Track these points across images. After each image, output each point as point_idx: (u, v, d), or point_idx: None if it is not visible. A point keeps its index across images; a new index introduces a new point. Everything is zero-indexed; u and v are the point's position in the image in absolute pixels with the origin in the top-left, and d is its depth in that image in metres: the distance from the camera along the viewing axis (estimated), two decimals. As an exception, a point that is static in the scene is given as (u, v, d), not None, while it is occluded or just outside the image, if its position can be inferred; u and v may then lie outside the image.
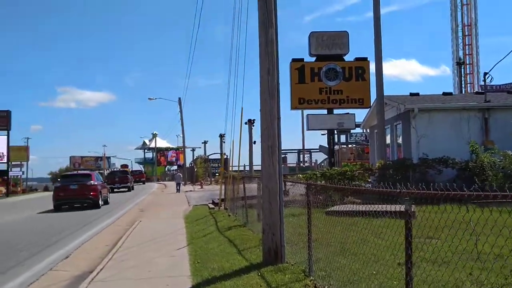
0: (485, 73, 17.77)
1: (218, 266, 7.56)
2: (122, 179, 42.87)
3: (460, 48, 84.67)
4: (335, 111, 20.91)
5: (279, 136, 7.49)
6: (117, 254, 9.51)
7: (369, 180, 17.68)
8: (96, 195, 22.18)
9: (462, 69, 75.21)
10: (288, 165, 61.55)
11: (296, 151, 69.19)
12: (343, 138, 61.30)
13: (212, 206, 19.17)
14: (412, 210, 11.29)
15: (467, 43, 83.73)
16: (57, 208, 21.78)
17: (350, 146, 62.13)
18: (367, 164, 19.54)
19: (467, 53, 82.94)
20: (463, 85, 67.17)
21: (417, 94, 20.41)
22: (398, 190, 4.18)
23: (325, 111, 20.97)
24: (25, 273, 8.30)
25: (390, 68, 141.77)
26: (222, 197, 18.20)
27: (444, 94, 20.58)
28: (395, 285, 5.83)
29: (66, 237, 12.85)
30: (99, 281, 7.17)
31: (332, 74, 20.53)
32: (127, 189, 41.62)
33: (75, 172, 34.88)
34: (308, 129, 20.70)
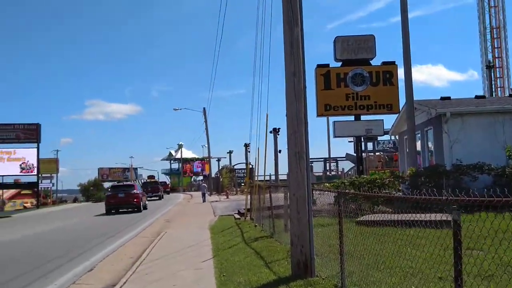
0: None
1: (245, 279, 7.19)
2: (154, 189, 49.10)
3: (489, 51, 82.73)
4: (363, 117, 20.36)
5: (306, 141, 7.12)
6: (141, 266, 9.25)
7: (399, 188, 17.05)
8: (138, 202, 27.57)
9: (492, 73, 73.36)
10: (314, 174, 60.86)
11: (322, 159, 68.39)
12: (370, 145, 60.27)
13: (238, 216, 18.83)
14: (449, 219, 10.65)
15: (496, 46, 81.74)
16: (108, 212, 27.28)
17: (377, 153, 60.99)
18: (397, 171, 18.87)
19: (496, 56, 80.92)
20: (493, 89, 65.36)
21: (449, 98, 19.69)
22: (445, 198, 3.73)
23: (352, 118, 20.44)
24: (47, 287, 8.10)
25: (416, 73, 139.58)
26: (248, 207, 17.83)
27: (477, 97, 19.80)
28: (438, 302, 5.30)
29: (93, 248, 12.70)
30: (121, 295, 6.89)
31: (359, 79, 20.02)
32: (158, 198, 47.78)
33: (122, 183, 41.24)
34: (334, 137, 20.20)
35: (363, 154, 53.42)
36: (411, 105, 17.59)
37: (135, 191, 28.31)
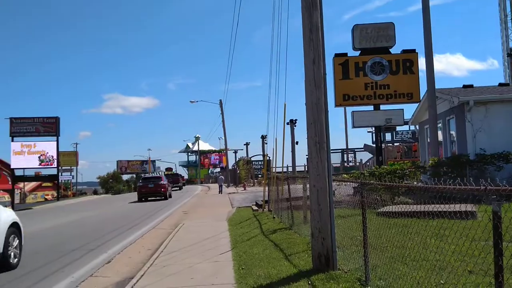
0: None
1: (264, 273, 7.00)
2: (174, 181, 53.26)
3: (510, 39, 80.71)
4: (382, 107, 19.94)
5: (327, 131, 6.86)
6: (158, 259, 9.14)
7: (420, 179, 16.65)
8: (165, 191, 32.69)
9: (514, 61, 71.60)
10: (332, 164, 60.38)
11: (339, 150, 67.81)
12: (388, 136, 59.53)
13: (256, 208, 18.66)
14: (472, 209, 10.23)
15: (518, 33, 79.74)
16: (140, 200, 32.14)
17: (396, 144, 60.17)
18: (418, 162, 18.43)
19: (518, 43, 78.98)
20: (515, 78, 63.86)
21: (471, 86, 19.14)
22: (483, 187, 3.46)
23: (371, 107, 20.04)
24: (65, 280, 8.03)
25: (435, 63, 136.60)
26: (266, 198, 17.64)
27: (501, 85, 19.21)
28: (470, 298, 5.02)
29: (111, 240, 12.67)
30: (139, 289, 6.77)
31: (378, 68, 19.57)
32: (178, 188, 53.03)
33: (151, 175, 49.51)
34: (353, 127, 19.82)
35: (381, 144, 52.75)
36: (433, 93, 17.11)
37: (162, 182, 33.19)
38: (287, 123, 41.31)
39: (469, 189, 3.70)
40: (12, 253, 8.96)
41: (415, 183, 15.81)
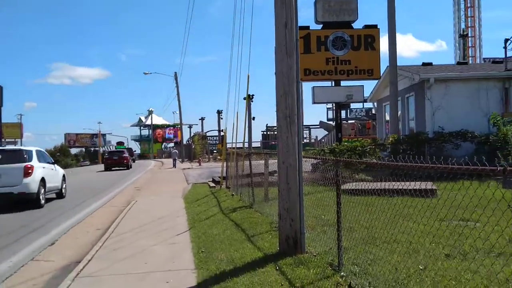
0: (506, 40, 16.48)
1: (227, 256, 6.44)
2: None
3: (462, 21, 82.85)
4: (342, 83, 19.63)
5: (299, 103, 6.28)
6: (109, 240, 8.38)
7: (379, 155, 16.55)
8: (127, 162, 41.49)
9: (464, 42, 73.70)
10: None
11: (295, 127, 67.92)
12: (342, 113, 59.99)
13: (213, 184, 18.04)
14: (433, 187, 9.98)
15: (469, 15, 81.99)
16: (107, 169, 39.78)
17: (350, 122, 60.94)
18: (378, 139, 18.35)
19: (469, 25, 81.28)
20: (465, 59, 65.75)
21: (430, 64, 19.14)
22: (501, 168, 2.97)
23: (331, 83, 19.71)
24: (1, 264, 7.17)
25: (385, 43, 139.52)
26: (224, 175, 17.04)
27: (459, 63, 19.31)
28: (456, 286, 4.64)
29: (56, 218, 11.74)
30: (85, 276, 6.03)
31: (340, 43, 19.17)
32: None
33: (115, 150, 58.64)
34: (314, 102, 19.44)
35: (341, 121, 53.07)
36: (395, 70, 16.92)
37: (125, 155, 42.13)
38: (244, 99, 40.72)
39: (488, 169, 3.17)
40: (64, 189, 16.72)
41: (375, 161, 15.68)
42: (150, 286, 5.49)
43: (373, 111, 65.94)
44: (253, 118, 47.43)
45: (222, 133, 72.01)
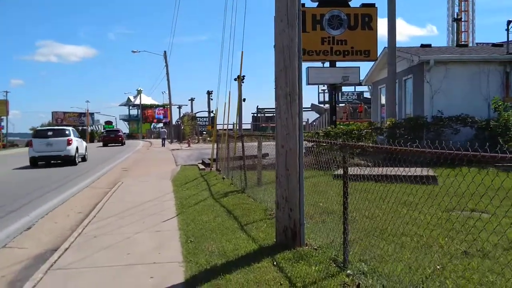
0: (509, 22, 15.89)
1: (218, 248, 5.85)
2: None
3: (456, 5, 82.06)
4: (338, 64, 18.97)
5: (300, 79, 5.65)
6: (89, 226, 7.76)
7: (376, 139, 16.02)
8: (122, 139, 49.41)
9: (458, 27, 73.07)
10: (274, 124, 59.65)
11: (285, 109, 67.15)
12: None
13: (203, 167, 17.39)
14: (433, 174, 9.40)
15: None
16: (105, 145, 46.31)
17: (341, 105, 60.40)
18: (376, 123, 17.79)
19: (463, 9, 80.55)
20: (459, 44, 65.10)
21: (429, 46, 18.52)
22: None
23: (326, 64, 19.04)
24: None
25: (383, 24, 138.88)
26: (214, 157, 16.41)
27: (459, 45, 18.72)
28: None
29: (36, 199, 11.09)
30: (59, 268, 5.41)
31: (336, 22, 18.44)
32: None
33: (111, 129, 61.66)
34: (308, 84, 18.78)
35: (326, 105, 52.49)
36: (394, 51, 16.27)
37: (120, 133, 51.22)
38: (235, 79, 39.84)
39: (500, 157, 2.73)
40: (86, 156, 24.14)
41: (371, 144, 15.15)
42: (131, 283, 4.89)
43: (365, 95, 65.50)
44: (244, 100, 46.66)
45: (212, 114, 71.25)
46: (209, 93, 64.12)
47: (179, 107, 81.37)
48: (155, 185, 13.17)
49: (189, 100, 78.03)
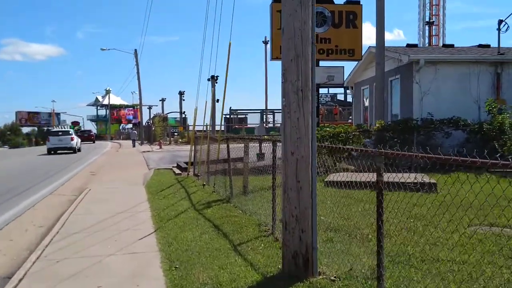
0: (500, 21, 15.37)
1: (211, 277, 4.76)
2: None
3: (427, 8, 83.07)
4: (321, 63, 18.06)
5: (313, 71, 4.63)
6: (51, 246, 6.52)
7: (364, 143, 15.19)
8: (93, 138, 61.61)
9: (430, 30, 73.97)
10: (248, 125, 58.62)
11: (259, 111, 66.45)
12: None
13: (178, 171, 16.17)
14: (431, 181, 8.45)
15: (434, 3, 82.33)
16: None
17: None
18: (365, 125, 16.95)
19: (434, 13, 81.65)
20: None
21: (415, 46, 17.87)
22: None
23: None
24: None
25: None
26: (191, 160, 15.21)
27: (445, 46, 18.12)
28: None
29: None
30: (9, 311, 4.22)
31: (320, 19, 17.50)
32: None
33: (83, 130, 70.65)
34: (290, 83, 17.77)
35: (319, 104, 51.79)
36: (382, 50, 15.48)
37: (91, 133, 63.14)
38: (208, 79, 38.54)
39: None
40: (80, 148, 35.76)
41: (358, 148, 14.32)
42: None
43: (339, 97, 65.24)
44: (217, 100, 45.50)
45: (184, 115, 69.68)
46: (181, 93, 62.57)
47: (150, 108, 79.39)
48: (127, 193, 11.92)
49: (160, 100, 76.30)
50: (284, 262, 4.69)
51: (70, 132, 34.69)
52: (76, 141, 33.58)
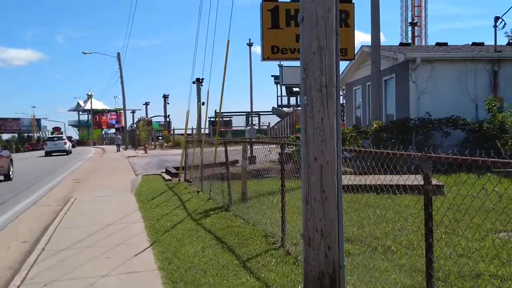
0: (496, 18, 15.07)
1: (223, 303, 4.17)
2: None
3: (409, 10, 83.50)
4: (313, 63, 17.59)
5: (337, 65, 4.08)
6: (37, 266, 5.84)
7: (361, 144, 14.75)
8: (73, 143, 59.69)
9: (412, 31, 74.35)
10: (233, 128, 57.98)
11: (244, 113, 65.88)
12: (293, 100, 58.80)
13: (168, 177, 15.48)
14: (437, 183, 7.95)
15: (416, 4, 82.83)
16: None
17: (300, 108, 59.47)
18: (361, 126, 16.49)
19: (416, 14, 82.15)
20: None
21: (409, 45, 17.52)
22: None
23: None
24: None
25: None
26: (182, 165, 14.55)
27: (438, 44, 17.80)
28: None
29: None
30: None
31: (311, 18, 17.06)
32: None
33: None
34: (282, 83, 17.42)
35: (289, 108, 51.61)
36: (378, 49, 15.05)
37: (72, 139, 61.60)
38: (193, 82, 37.89)
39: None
40: (71, 151, 44.43)
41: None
42: None
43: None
44: (203, 103, 44.71)
45: (168, 119, 68.64)
46: (165, 96, 61.63)
47: (133, 112, 78.16)
48: (116, 201, 11.22)
49: (143, 104, 75.48)
50: (308, 284, 4.12)
51: (63, 138, 43.79)
52: (68, 145, 42.08)
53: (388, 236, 5.90)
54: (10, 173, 17.49)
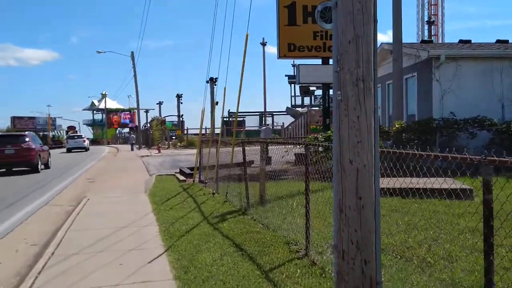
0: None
1: (246, 320, 3.76)
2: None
3: (425, 8, 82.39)
4: (331, 61, 17.11)
5: (375, 57, 3.64)
6: (45, 273, 5.50)
7: (381, 145, 14.23)
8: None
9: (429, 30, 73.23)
10: (247, 128, 57.53)
11: (258, 113, 65.46)
12: (307, 100, 58.27)
13: (182, 177, 15.12)
14: (469, 187, 7.31)
15: (433, 3, 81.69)
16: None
17: (316, 108, 59.10)
18: (383, 126, 15.95)
19: (432, 13, 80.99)
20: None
21: (430, 42, 16.93)
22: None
23: (318, 61, 17.18)
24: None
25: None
26: (197, 165, 14.17)
27: (461, 41, 17.16)
28: None
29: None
30: None
31: (329, 15, 16.52)
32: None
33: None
34: (299, 83, 16.91)
35: (304, 109, 51.06)
36: (400, 46, 14.50)
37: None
38: (207, 82, 37.58)
39: None
40: (88, 148, 49.38)
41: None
42: None
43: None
44: (217, 103, 44.49)
45: (181, 118, 68.51)
46: (179, 96, 61.50)
47: (147, 111, 78.32)
48: (129, 203, 10.89)
49: (157, 103, 75.50)
50: (341, 301, 3.69)
51: (82, 136, 50.13)
52: (86, 142, 47.82)
53: (422, 246, 5.44)
54: (49, 163, 22.81)
